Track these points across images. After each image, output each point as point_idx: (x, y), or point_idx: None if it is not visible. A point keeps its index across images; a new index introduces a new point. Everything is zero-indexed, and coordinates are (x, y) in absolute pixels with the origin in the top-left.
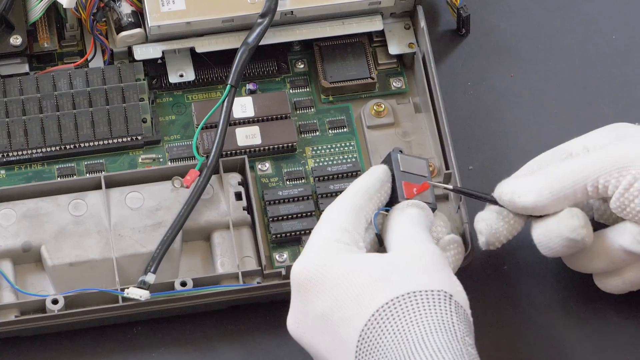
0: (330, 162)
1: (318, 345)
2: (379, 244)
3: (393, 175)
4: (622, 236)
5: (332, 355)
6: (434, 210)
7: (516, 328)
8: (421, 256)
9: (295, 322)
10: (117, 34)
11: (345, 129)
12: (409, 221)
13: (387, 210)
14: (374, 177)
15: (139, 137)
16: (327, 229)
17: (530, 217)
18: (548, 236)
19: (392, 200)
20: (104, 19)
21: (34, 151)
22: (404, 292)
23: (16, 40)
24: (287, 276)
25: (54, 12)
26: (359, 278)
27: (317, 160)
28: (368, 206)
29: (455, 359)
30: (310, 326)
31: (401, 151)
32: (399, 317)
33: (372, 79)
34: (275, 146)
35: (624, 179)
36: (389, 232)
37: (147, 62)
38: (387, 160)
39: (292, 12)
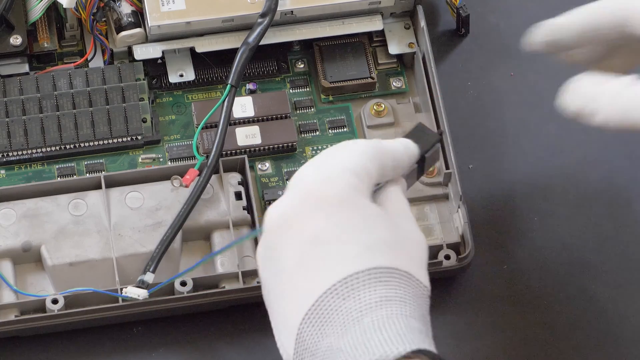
0: None
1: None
2: None
3: None
4: None
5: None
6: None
7: (516, 328)
8: (420, 245)
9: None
10: (117, 33)
11: (345, 129)
12: (407, 202)
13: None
14: (407, 156)
15: (139, 137)
16: (353, 161)
17: None
18: None
19: None
20: (104, 19)
21: (34, 151)
22: (393, 266)
23: (16, 40)
24: None
25: (54, 12)
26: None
27: None
28: (386, 173)
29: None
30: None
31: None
32: (372, 283)
33: (372, 78)
34: (275, 146)
35: None
36: (388, 195)
37: (147, 62)
38: (420, 136)
39: (292, 12)
